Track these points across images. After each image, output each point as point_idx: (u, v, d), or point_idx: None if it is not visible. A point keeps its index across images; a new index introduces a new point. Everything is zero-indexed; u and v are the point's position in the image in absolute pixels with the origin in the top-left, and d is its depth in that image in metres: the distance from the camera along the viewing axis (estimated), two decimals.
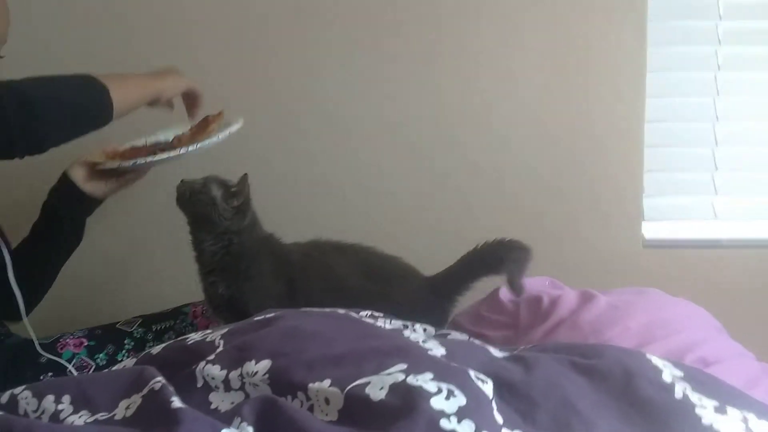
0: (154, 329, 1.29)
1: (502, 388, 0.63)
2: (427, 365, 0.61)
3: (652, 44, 1.59)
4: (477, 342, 0.79)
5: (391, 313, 0.95)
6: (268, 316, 0.74)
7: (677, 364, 0.71)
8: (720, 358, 1.05)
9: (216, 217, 1.17)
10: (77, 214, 1.21)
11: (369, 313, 0.95)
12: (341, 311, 0.79)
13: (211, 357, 0.68)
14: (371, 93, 1.60)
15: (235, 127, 1.23)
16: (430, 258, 1.50)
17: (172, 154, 1.17)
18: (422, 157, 1.62)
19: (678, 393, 0.63)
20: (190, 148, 1.18)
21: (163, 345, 0.78)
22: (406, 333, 0.75)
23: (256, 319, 0.74)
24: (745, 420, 0.62)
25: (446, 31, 1.58)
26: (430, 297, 1.24)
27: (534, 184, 1.62)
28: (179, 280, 1.53)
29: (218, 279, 1.19)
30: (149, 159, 1.17)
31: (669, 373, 0.67)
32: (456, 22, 1.58)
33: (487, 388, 0.61)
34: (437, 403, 0.56)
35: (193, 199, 1.17)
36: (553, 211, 1.63)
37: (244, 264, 1.19)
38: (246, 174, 1.17)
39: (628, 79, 1.60)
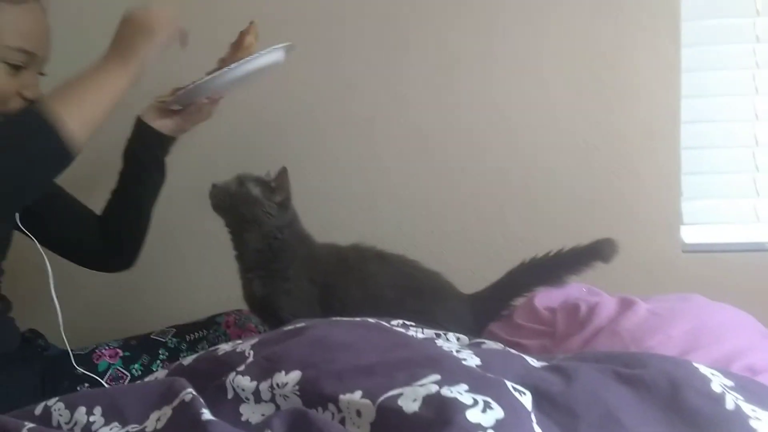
0: (187, 339, 1.28)
1: (541, 399, 0.59)
2: (462, 376, 0.58)
3: (686, 44, 1.54)
4: (513, 351, 0.76)
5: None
6: (297, 326, 0.72)
7: (727, 373, 0.66)
8: (767, 366, 0.99)
9: (262, 216, 1.15)
10: (154, 152, 1.24)
11: (401, 322, 0.92)
12: (371, 320, 0.76)
13: (241, 368, 0.67)
14: (400, 100, 1.58)
15: (279, 45, 1.19)
16: (460, 267, 1.50)
17: (216, 74, 1.15)
18: (452, 166, 1.59)
19: (729, 403, 0.59)
20: (232, 66, 1.15)
21: (195, 356, 0.77)
22: (439, 342, 0.73)
23: (285, 329, 0.73)
24: None
25: (473, 36, 1.56)
26: (469, 316, 1.21)
27: (569, 191, 1.58)
28: (212, 288, 1.55)
29: (255, 276, 1.18)
30: (194, 83, 1.17)
31: (718, 382, 0.63)
32: (482, 26, 1.55)
33: (526, 400, 0.57)
34: (473, 415, 0.53)
35: (235, 202, 1.15)
36: (589, 217, 1.58)
37: (282, 263, 1.17)
38: (284, 167, 1.16)
39: (662, 80, 1.55)
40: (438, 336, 0.91)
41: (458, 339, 0.94)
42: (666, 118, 1.56)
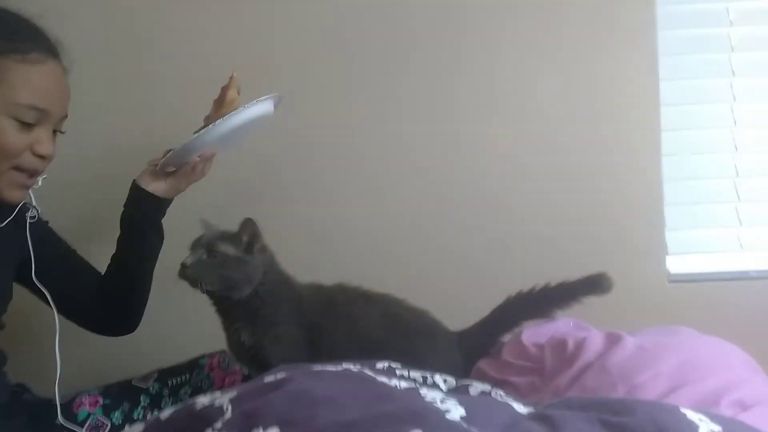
0: (169, 384, 1.25)
1: None
2: None
3: (664, 78, 1.55)
4: (500, 397, 0.74)
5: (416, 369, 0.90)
6: (277, 377, 0.70)
7: (714, 416, 0.64)
8: (759, 401, 0.97)
9: (250, 272, 1.12)
10: (150, 216, 1.23)
11: (387, 365, 0.90)
12: (354, 368, 0.74)
13: (218, 425, 0.64)
14: (388, 131, 1.57)
15: (264, 97, 1.18)
16: (450, 299, 1.47)
17: (201, 132, 1.15)
18: (439, 196, 1.57)
19: None
20: (217, 123, 1.14)
21: (173, 409, 0.74)
22: (423, 391, 0.70)
23: (265, 380, 0.70)
24: None
25: (461, 65, 1.56)
26: (457, 354, 1.19)
27: (553, 222, 1.57)
28: (196, 327, 1.51)
29: (242, 326, 1.14)
30: (183, 143, 1.16)
31: (706, 428, 0.61)
32: (467, 54, 1.55)
33: None
34: None
35: (216, 272, 1.11)
36: (574, 249, 1.57)
37: (269, 308, 1.14)
38: (247, 218, 1.13)
39: (643, 112, 1.56)
40: (424, 380, 0.88)
41: (445, 381, 0.91)
42: (648, 150, 1.57)
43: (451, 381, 0.91)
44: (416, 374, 0.88)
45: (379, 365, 0.87)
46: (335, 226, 1.58)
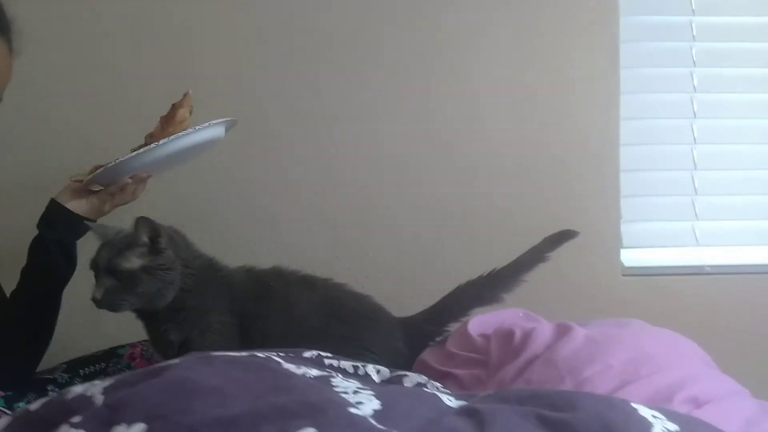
0: (81, 374, 1.10)
1: None
2: (342, 430, 0.44)
3: (625, 66, 1.47)
4: (428, 389, 0.62)
5: (359, 358, 0.82)
6: (163, 364, 0.57)
7: (670, 414, 0.54)
8: (713, 397, 0.89)
9: (167, 275, 0.97)
10: (65, 237, 1.06)
11: (316, 354, 0.78)
12: (261, 355, 0.62)
13: (76, 419, 0.51)
14: (358, 123, 1.45)
15: (217, 120, 1.05)
16: (395, 293, 1.36)
17: (141, 150, 1.00)
18: (389, 191, 1.46)
19: None
20: (161, 142, 1.00)
21: (45, 399, 0.61)
22: (336, 381, 0.58)
23: (149, 368, 0.57)
24: None
25: (414, 59, 1.44)
26: (400, 341, 1.10)
27: (507, 213, 1.47)
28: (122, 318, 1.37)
29: (170, 325, 1.00)
30: (117, 161, 1.01)
31: (661, 427, 0.50)
32: (423, 47, 1.44)
33: None
34: None
35: (132, 292, 0.96)
36: (528, 240, 1.47)
37: (195, 299, 1.00)
38: (138, 217, 0.97)
39: (602, 101, 1.47)
40: (356, 370, 0.77)
41: (378, 372, 0.80)
42: (605, 140, 1.48)
43: (385, 372, 0.80)
44: (347, 364, 0.77)
45: (307, 354, 0.76)
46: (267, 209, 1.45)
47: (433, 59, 1.45)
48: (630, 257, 1.51)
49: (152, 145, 1.01)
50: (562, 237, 1.17)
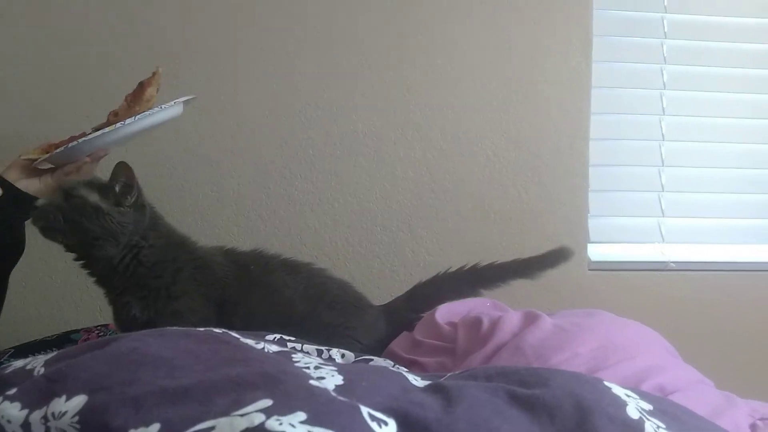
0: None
1: (413, 431, 0.43)
2: (302, 401, 0.40)
3: (596, 60, 1.46)
4: (394, 369, 0.59)
5: (347, 347, 0.79)
6: (112, 336, 0.53)
7: (644, 394, 0.52)
8: (679, 387, 0.88)
9: (112, 226, 0.91)
10: (14, 216, 0.99)
11: (279, 336, 0.75)
12: (218, 331, 0.58)
13: (12, 391, 0.47)
14: (322, 107, 1.41)
15: (183, 98, 1.01)
16: (365, 280, 1.38)
17: (107, 130, 0.95)
18: (360, 177, 1.43)
19: None
20: (127, 121, 0.95)
21: None
22: (297, 357, 0.55)
23: (95, 340, 0.53)
24: None
25: (384, 44, 1.41)
26: (383, 328, 1.06)
27: (477, 204, 1.46)
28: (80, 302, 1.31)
29: (133, 299, 0.93)
30: (80, 140, 0.95)
31: (635, 406, 0.48)
32: (392, 32, 1.42)
33: None
34: None
35: (72, 220, 0.89)
36: (495, 232, 1.47)
37: (164, 278, 0.94)
38: (121, 162, 0.92)
39: (573, 96, 1.46)
40: (319, 353, 0.74)
41: (343, 356, 0.77)
42: (575, 134, 1.47)
43: (350, 356, 0.77)
44: (311, 347, 0.73)
45: (270, 336, 0.72)
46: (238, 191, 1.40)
47: (407, 51, 1.42)
48: (597, 252, 1.51)
49: (118, 125, 0.96)
50: (560, 257, 1.15)
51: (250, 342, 0.55)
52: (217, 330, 0.58)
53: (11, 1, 1.31)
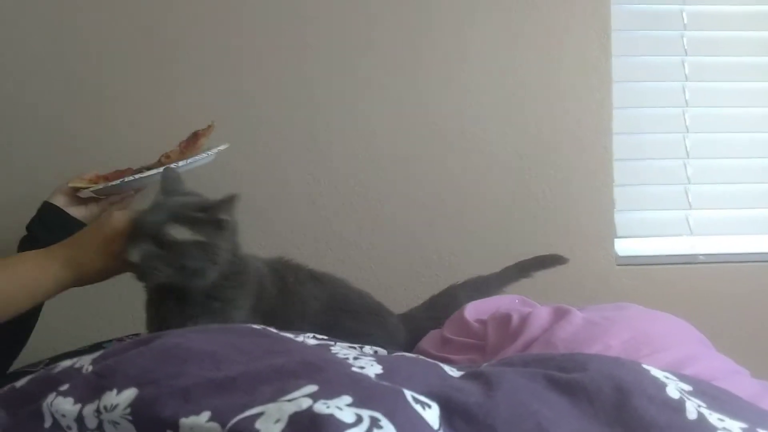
0: None
1: (453, 415, 0.43)
2: (346, 386, 0.42)
3: (617, 55, 1.46)
4: (429, 360, 0.60)
5: None
6: (154, 334, 0.55)
7: (682, 376, 0.52)
8: (715, 376, 0.87)
9: (217, 255, 0.87)
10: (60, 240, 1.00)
11: (311, 335, 0.76)
12: (257, 327, 0.59)
13: (64, 387, 0.48)
14: (349, 109, 1.43)
15: (223, 147, 1.11)
16: (391, 284, 1.39)
17: (162, 170, 1.01)
18: (384, 182, 1.44)
19: (691, 412, 0.45)
20: (180, 163, 1.02)
21: (31, 376, 0.58)
22: (335, 349, 0.56)
23: (138, 338, 0.55)
24: None
25: (404, 50, 1.43)
26: (404, 335, 1.08)
27: (502, 204, 1.46)
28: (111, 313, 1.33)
29: (201, 313, 0.89)
30: (136, 176, 1.04)
31: (674, 387, 0.48)
32: (414, 37, 1.43)
33: (430, 414, 0.41)
34: None
35: (176, 265, 0.85)
36: (522, 230, 1.47)
37: (231, 293, 0.91)
38: (232, 195, 0.88)
39: (594, 91, 1.46)
40: (353, 348, 0.75)
41: (376, 352, 0.78)
42: (598, 129, 1.47)
43: (383, 351, 0.78)
44: (344, 344, 0.74)
45: (305, 334, 0.73)
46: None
47: (424, 49, 1.43)
48: (624, 247, 1.50)
49: (172, 166, 1.02)
50: (553, 261, 1.21)
51: (289, 335, 0.57)
52: (256, 326, 0.59)
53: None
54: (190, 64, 1.39)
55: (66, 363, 0.57)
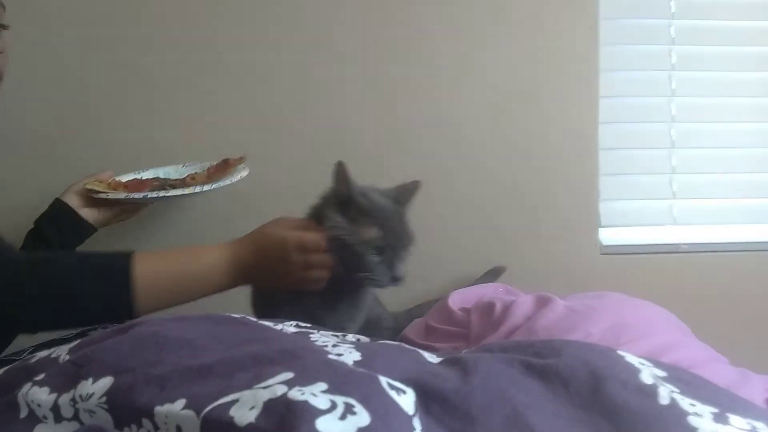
0: None
1: (430, 400, 0.44)
2: (322, 373, 0.42)
3: (604, 44, 1.47)
4: (408, 346, 0.61)
5: None
6: (129, 322, 0.55)
7: (657, 362, 0.53)
8: (695, 363, 0.89)
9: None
10: (69, 241, 1.03)
11: (294, 323, 0.76)
12: (236, 315, 0.60)
13: (40, 377, 0.48)
14: (336, 102, 1.42)
15: (245, 173, 1.12)
16: None
17: (187, 191, 1.03)
18: (376, 158, 1.43)
19: (663, 397, 0.45)
20: (206, 187, 1.04)
21: (7, 367, 0.58)
22: (314, 336, 0.56)
23: (119, 326, 0.55)
24: (754, 430, 0.45)
25: (399, 36, 1.42)
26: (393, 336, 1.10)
27: (487, 192, 1.46)
28: None
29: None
30: (161, 194, 1.03)
31: (649, 373, 0.49)
32: (406, 27, 1.43)
33: (405, 400, 0.42)
34: (327, 423, 0.37)
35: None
36: (507, 218, 1.47)
37: None
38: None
39: (581, 79, 1.46)
40: (335, 335, 0.75)
41: (358, 339, 0.78)
42: (585, 118, 1.47)
43: (365, 339, 0.78)
44: (326, 332, 0.75)
45: (287, 322, 0.73)
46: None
47: (411, 43, 1.42)
48: (608, 236, 1.52)
49: (197, 188, 1.05)
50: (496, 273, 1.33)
51: (268, 324, 0.57)
52: (235, 314, 0.59)
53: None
54: (191, 64, 1.37)
55: (43, 353, 0.57)
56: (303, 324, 0.76)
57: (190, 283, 0.80)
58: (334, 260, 0.83)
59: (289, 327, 0.59)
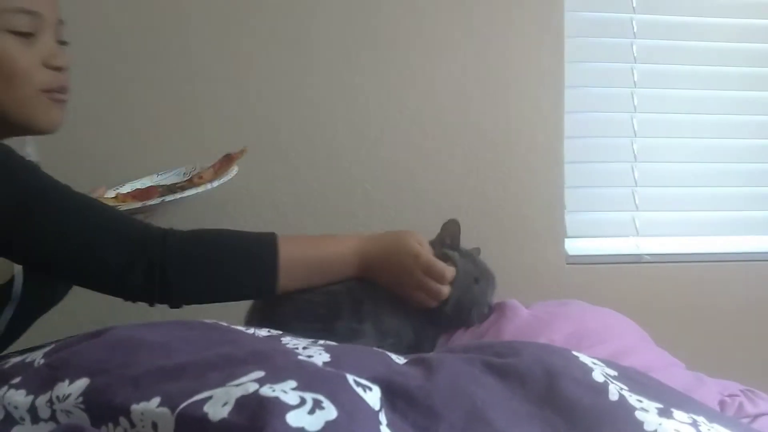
0: None
1: (395, 397, 0.46)
2: (292, 372, 0.45)
3: (569, 61, 1.52)
4: (377, 349, 0.63)
5: None
6: (103, 328, 0.56)
7: (609, 363, 0.57)
8: (651, 367, 0.92)
9: None
10: None
11: (264, 329, 0.78)
12: (209, 321, 0.62)
13: (16, 380, 0.50)
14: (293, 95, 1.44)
15: (235, 170, 1.13)
16: None
17: (200, 189, 1.05)
18: (345, 169, 1.46)
19: (613, 394, 0.49)
20: (215, 183, 1.06)
21: None
22: (286, 339, 0.59)
23: (93, 331, 0.56)
24: (695, 423, 0.48)
25: (364, 46, 1.46)
26: None
27: (453, 203, 1.49)
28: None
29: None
30: (177, 196, 1.04)
31: (600, 372, 0.53)
32: (373, 36, 1.46)
33: (371, 396, 0.44)
34: (296, 418, 0.40)
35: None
36: (474, 228, 1.50)
37: None
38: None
39: (547, 95, 1.51)
40: (306, 339, 0.77)
41: (327, 343, 0.80)
42: (551, 132, 1.52)
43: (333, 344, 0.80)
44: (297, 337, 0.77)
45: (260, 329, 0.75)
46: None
47: (388, 52, 1.45)
48: (573, 246, 1.56)
49: (208, 185, 1.06)
50: None
51: (240, 328, 0.59)
52: (208, 321, 0.61)
53: None
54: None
55: (17, 358, 0.58)
56: (274, 330, 0.78)
57: (318, 269, 0.86)
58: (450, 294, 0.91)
59: (261, 331, 0.61)
